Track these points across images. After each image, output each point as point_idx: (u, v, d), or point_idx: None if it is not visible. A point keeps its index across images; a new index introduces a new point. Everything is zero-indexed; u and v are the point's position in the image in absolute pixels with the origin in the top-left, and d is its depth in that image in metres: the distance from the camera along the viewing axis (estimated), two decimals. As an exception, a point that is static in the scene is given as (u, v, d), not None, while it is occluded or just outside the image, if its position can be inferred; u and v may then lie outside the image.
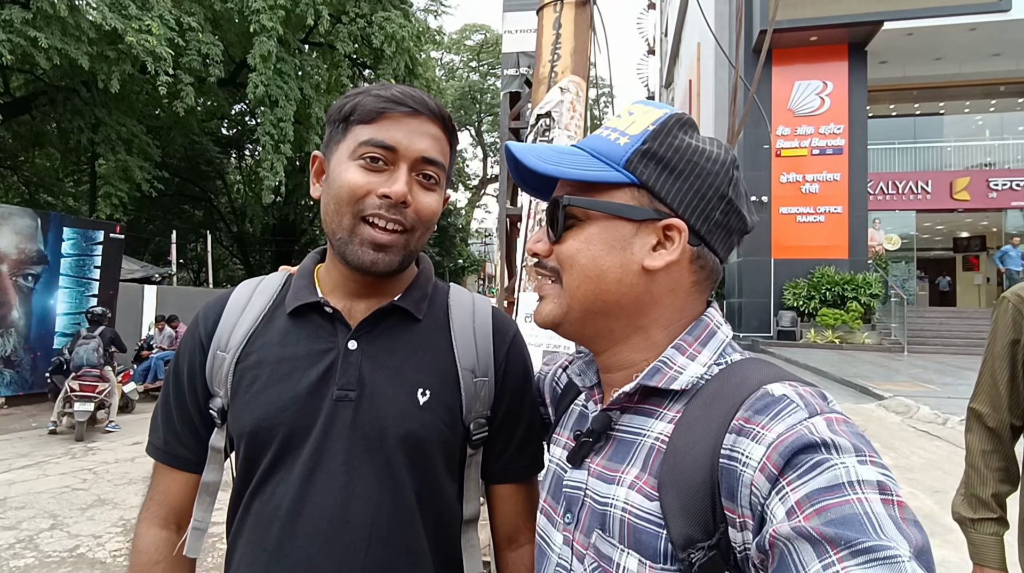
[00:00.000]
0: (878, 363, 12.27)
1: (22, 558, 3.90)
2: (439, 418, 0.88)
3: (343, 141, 0.86)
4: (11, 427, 7.69)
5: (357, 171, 0.83)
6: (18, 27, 9.78)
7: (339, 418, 0.84)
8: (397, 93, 0.85)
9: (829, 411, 0.56)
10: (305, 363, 0.86)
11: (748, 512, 0.55)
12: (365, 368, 0.86)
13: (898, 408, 7.93)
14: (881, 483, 0.50)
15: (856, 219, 16.02)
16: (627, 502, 0.64)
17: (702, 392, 0.66)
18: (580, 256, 0.71)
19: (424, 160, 0.85)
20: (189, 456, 0.92)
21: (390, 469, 0.84)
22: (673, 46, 30.22)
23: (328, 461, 0.83)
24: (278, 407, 0.84)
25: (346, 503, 0.82)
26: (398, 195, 0.82)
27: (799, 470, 0.51)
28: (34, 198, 17.62)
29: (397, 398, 0.86)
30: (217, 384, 0.89)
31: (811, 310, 15.22)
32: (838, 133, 16.13)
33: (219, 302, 0.95)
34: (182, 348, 0.94)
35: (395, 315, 0.91)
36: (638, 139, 0.69)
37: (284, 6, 12.99)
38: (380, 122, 0.84)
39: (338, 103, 0.88)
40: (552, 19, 1.74)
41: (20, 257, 9.02)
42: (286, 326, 0.89)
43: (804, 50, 15.96)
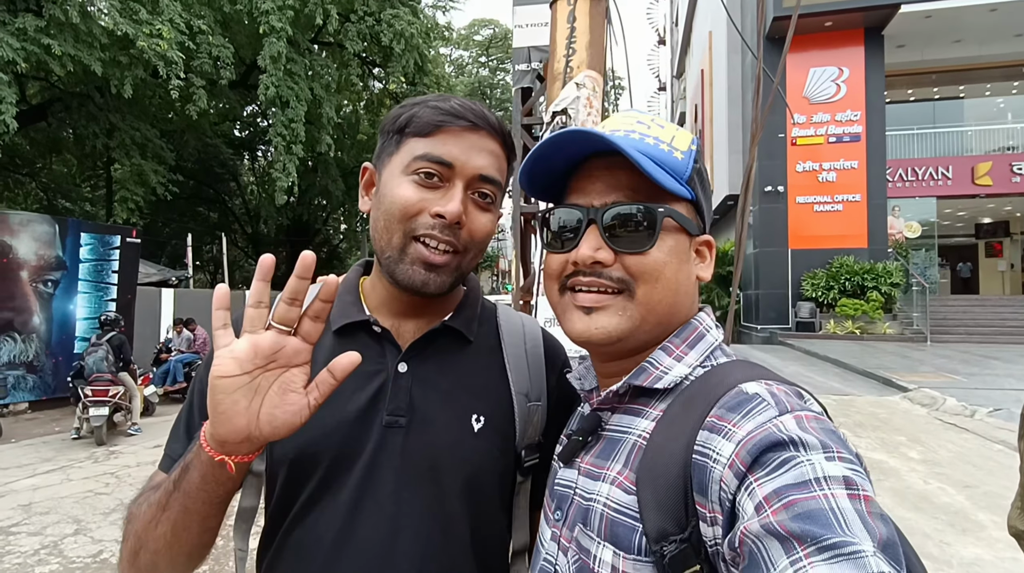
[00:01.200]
0: (901, 354, 12.06)
1: (47, 564, 3.93)
2: (494, 446, 0.84)
3: (396, 154, 0.82)
4: (35, 432, 7.80)
5: (410, 187, 0.79)
6: (32, 35, 9.87)
7: (388, 445, 0.79)
8: (456, 106, 0.80)
9: (800, 409, 0.57)
10: (352, 385, 0.80)
11: (717, 507, 0.56)
12: (416, 392, 0.82)
13: (924, 400, 7.77)
14: (847, 478, 0.50)
15: (875, 207, 15.73)
16: (608, 497, 0.66)
17: (685, 392, 0.68)
18: (666, 269, 0.70)
19: (481, 178, 0.81)
20: None
21: (442, 501, 0.80)
22: (684, 36, 29.89)
23: (376, 491, 0.78)
24: (323, 432, 0.79)
25: (394, 536, 0.77)
26: (453, 215, 0.78)
27: (768, 468, 0.53)
28: (52, 204, 17.86)
29: (450, 425, 0.82)
30: None
31: (830, 301, 14.99)
32: (855, 120, 15.83)
33: None
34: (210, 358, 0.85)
35: (446, 336, 0.87)
36: (690, 156, 0.73)
37: (293, 6, 12.99)
38: (437, 136, 0.79)
39: (393, 113, 0.84)
40: (566, 12, 1.67)
41: (39, 263, 9.13)
42: (331, 344, 0.84)
43: (819, 36, 15.66)
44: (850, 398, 8.15)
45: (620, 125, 0.75)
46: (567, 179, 0.78)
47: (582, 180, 0.74)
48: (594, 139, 0.70)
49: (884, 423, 6.81)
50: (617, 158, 0.70)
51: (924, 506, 4.38)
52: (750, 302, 17.00)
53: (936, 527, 4.00)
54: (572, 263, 0.72)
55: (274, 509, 0.83)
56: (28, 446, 7.06)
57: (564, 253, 0.73)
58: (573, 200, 0.74)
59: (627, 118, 0.76)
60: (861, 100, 15.82)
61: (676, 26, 34.57)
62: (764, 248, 16.07)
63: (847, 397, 8.20)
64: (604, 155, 0.72)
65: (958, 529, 3.97)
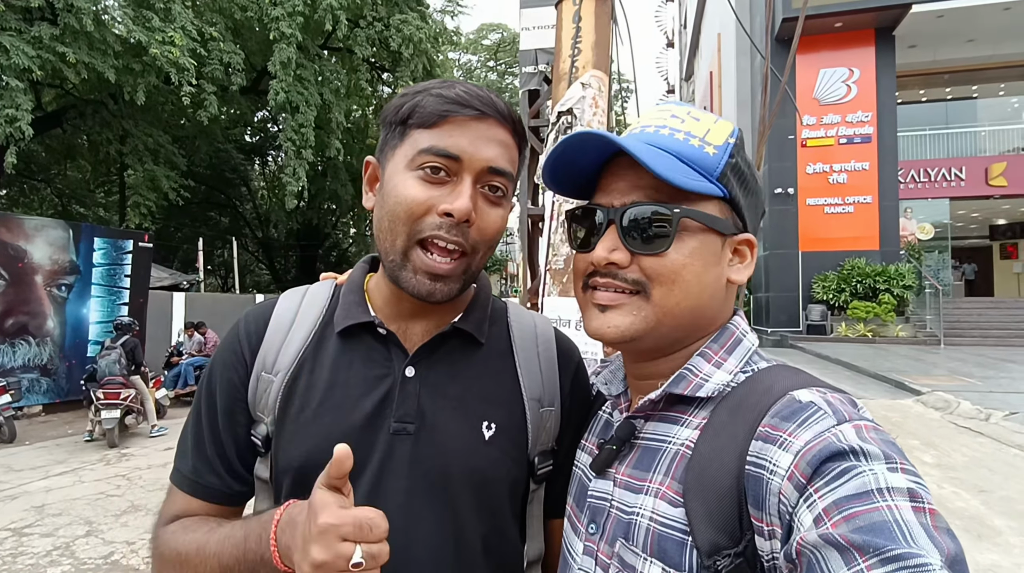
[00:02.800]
0: (913, 357, 11.92)
1: (59, 565, 3.97)
2: (506, 454, 0.80)
3: (400, 147, 0.76)
4: (48, 434, 7.88)
5: (416, 184, 0.74)
6: (47, 43, 10.02)
7: (397, 454, 0.76)
8: (462, 92, 0.74)
9: (858, 418, 0.55)
10: (358, 391, 0.77)
11: (776, 520, 0.54)
12: (424, 398, 0.78)
13: (937, 403, 7.67)
14: (912, 490, 0.49)
15: (887, 209, 15.59)
16: (654, 511, 0.63)
17: (728, 399, 0.65)
18: (685, 271, 0.67)
19: (491, 171, 0.75)
20: (219, 485, 0.82)
21: (453, 511, 0.77)
22: (693, 38, 29.83)
23: (384, 501, 0.72)
24: (329, 440, 0.71)
25: (405, 549, 0.73)
26: (462, 213, 0.72)
27: (827, 477, 0.51)
28: (67, 210, 18.10)
29: (461, 432, 0.78)
30: (262, 409, 0.80)
31: (841, 303, 14.87)
32: (866, 121, 15.72)
33: (262, 316, 0.85)
34: (217, 365, 0.83)
35: (455, 339, 0.82)
36: (725, 151, 0.69)
37: (303, 12, 13.10)
38: (443, 127, 0.74)
39: (395, 103, 0.78)
40: (571, 13, 1.67)
41: (54, 268, 9.25)
42: (337, 347, 0.81)
43: (829, 37, 15.58)
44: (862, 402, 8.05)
45: (653, 120, 0.73)
46: (599, 176, 0.75)
47: (608, 178, 0.73)
48: (603, 141, 0.68)
49: (897, 427, 6.73)
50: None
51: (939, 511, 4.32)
52: (760, 305, 16.89)
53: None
54: (591, 263, 0.71)
55: None
56: (41, 448, 7.13)
57: (586, 253, 0.72)
58: (598, 199, 0.73)
59: (662, 112, 0.74)
60: (872, 101, 15.71)
61: (684, 28, 34.51)
62: (774, 251, 15.97)
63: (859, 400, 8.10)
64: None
65: (973, 534, 3.91)
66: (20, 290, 8.80)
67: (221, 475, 0.82)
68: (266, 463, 0.81)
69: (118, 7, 10.98)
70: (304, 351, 0.81)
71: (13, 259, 8.72)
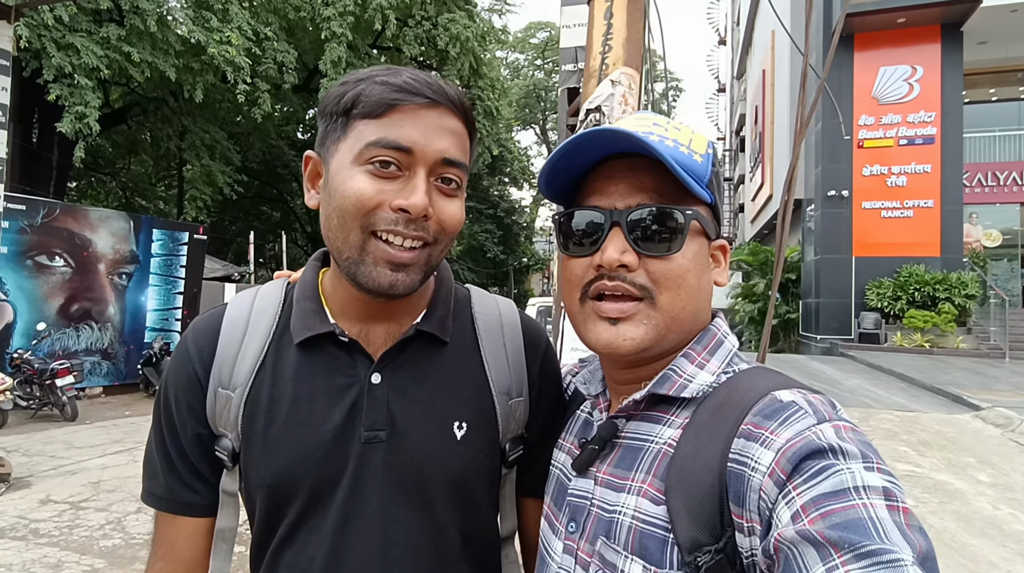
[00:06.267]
0: (974, 370, 11.30)
1: (111, 538, 4.19)
2: (479, 451, 0.80)
3: (344, 139, 0.71)
4: (107, 415, 8.32)
5: (365, 178, 0.69)
6: (114, 43, 10.55)
7: (370, 462, 0.75)
8: (410, 79, 0.70)
9: (837, 418, 0.57)
10: (325, 403, 0.75)
11: (756, 517, 0.55)
12: (394, 404, 0.76)
13: (997, 420, 7.26)
14: (887, 489, 0.50)
15: (949, 214, 14.79)
16: (636, 509, 0.64)
17: (710, 399, 0.66)
18: (690, 275, 0.68)
19: (445, 162, 0.71)
20: (199, 500, 0.80)
21: (430, 511, 0.77)
22: (746, 35, 29.04)
23: (362, 509, 0.74)
24: (300, 456, 0.74)
25: (385, 552, 0.74)
26: (418, 209, 0.68)
27: (805, 475, 0.52)
28: (130, 202, 19.04)
29: (433, 435, 0.77)
30: (223, 425, 0.77)
31: (897, 311, 14.20)
32: (929, 121, 14.94)
33: (211, 327, 0.80)
34: (170, 385, 0.79)
35: (419, 340, 0.80)
36: (708, 159, 0.71)
37: (353, 12, 13.38)
38: (391, 117, 0.69)
39: (335, 92, 0.72)
40: (603, 9, 1.65)
41: (115, 257, 9.75)
42: (296, 358, 0.77)
43: (890, 33, 14.88)
44: (915, 415, 7.70)
45: (637, 126, 0.71)
46: (582, 181, 0.74)
47: (602, 181, 0.71)
48: (628, 139, 0.66)
49: (951, 442, 6.40)
50: (639, 159, 0.68)
51: (992, 533, 4.09)
52: (810, 311, 16.30)
53: (1004, 556, 3.73)
54: (596, 267, 0.68)
55: (260, 529, 0.79)
56: (100, 428, 7.53)
57: (586, 257, 0.70)
58: (593, 202, 0.71)
59: (643, 120, 0.73)
60: (936, 100, 14.92)
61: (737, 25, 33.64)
62: (826, 255, 15.38)
63: (912, 413, 7.75)
64: (625, 156, 0.69)
65: (1030, 559, 3.69)
66: (84, 278, 9.32)
67: (197, 489, 0.80)
68: (234, 476, 0.79)
69: (180, 8, 11.47)
70: (262, 363, 0.77)
71: (79, 248, 9.24)
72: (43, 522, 4.45)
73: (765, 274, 17.94)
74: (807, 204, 16.61)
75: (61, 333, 9.05)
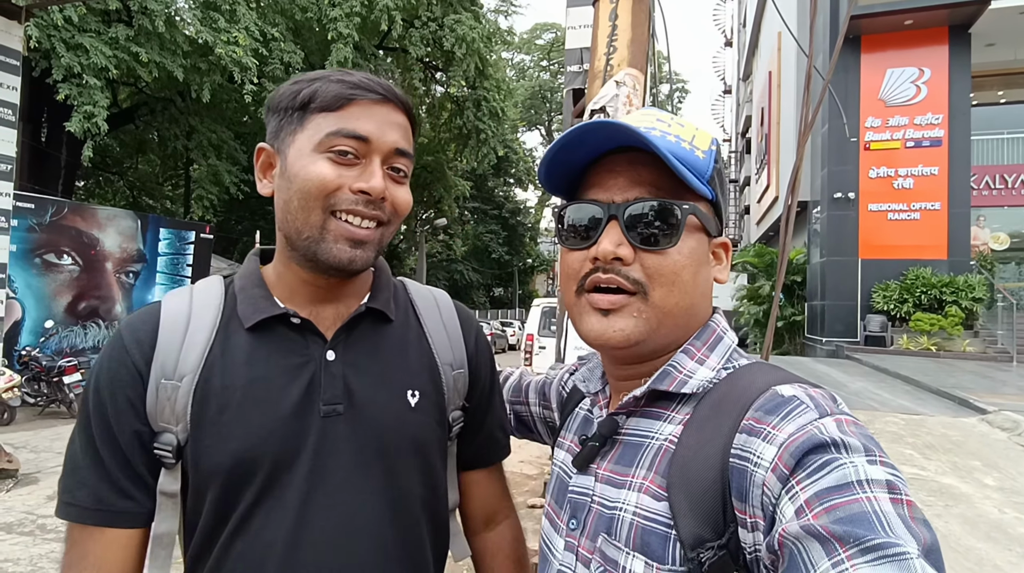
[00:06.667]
0: (981, 373, 11.24)
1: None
2: (431, 417, 0.86)
3: (301, 131, 0.76)
4: (113, 412, 8.36)
5: (326, 164, 0.74)
6: (123, 43, 10.62)
7: (331, 434, 0.78)
8: (363, 79, 0.77)
9: (838, 412, 0.57)
10: (282, 381, 0.77)
11: (759, 512, 0.55)
12: (350, 378, 0.80)
13: (1004, 424, 7.21)
14: (890, 482, 0.50)
15: (957, 216, 14.71)
16: (638, 505, 0.64)
17: (710, 394, 0.66)
18: (685, 271, 0.68)
19: (397, 152, 0.79)
20: (135, 508, 0.76)
21: (393, 477, 0.81)
22: (752, 37, 28.98)
23: (326, 481, 0.76)
24: (261, 434, 0.75)
25: (351, 521, 0.77)
26: (377, 191, 0.75)
27: (809, 469, 0.52)
28: (137, 201, 19.15)
29: (390, 404, 0.82)
30: (166, 419, 0.76)
31: (903, 314, 14.14)
32: (936, 123, 14.87)
33: (148, 322, 0.79)
34: (103, 381, 0.76)
35: (368, 318, 0.85)
36: (711, 156, 0.71)
37: (360, 13, 13.42)
38: (348, 110, 0.76)
39: (288, 89, 0.78)
40: (608, 10, 1.66)
41: (123, 255, 9.82)
42: (248, 342, 0.79)
43: (898, 35, 14.83)
44: (921, 418, 7.66)
45: (640, 122, 0.72)
46: (583, 175, 0.75)
47: (601, 175, 0.71)
48: (626, 132, 0.67)
49: (957, 446, 6.36)
50: (639, 154, 0.69)
51: (997, 536, 4.06)
52: (815, 313, 16.24)
53: (1010, 559, 3.71)
54: (592, 260, 0.69)
55: (206, 525, 0.76)
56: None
57: (583, 250, 0.71)
58: (592, 195, 0.72)
59: (647, 115, 0.74)
60: (944, 102, 14.85)
61: (744, 27, 33.57)
62: (832, 257, 15.33)
63: (917, 417, 7.71)
64: (625, 150, 0.70)
65: (1036, 564, 3.66)
66: (92, 276, 9.38)
67: (133, 496, 0.76)
68: (175, 475, 0.77)
69: (188, 9, 11.54)
70: (210, 350, 0.78)
71: (87, 246, 9.31)
72: (50, 518, 4.48)
73: (770, 276, 17.89)
74: (813, 206, 16.55)
75: (69, 331, 9.12)
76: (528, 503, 5.47)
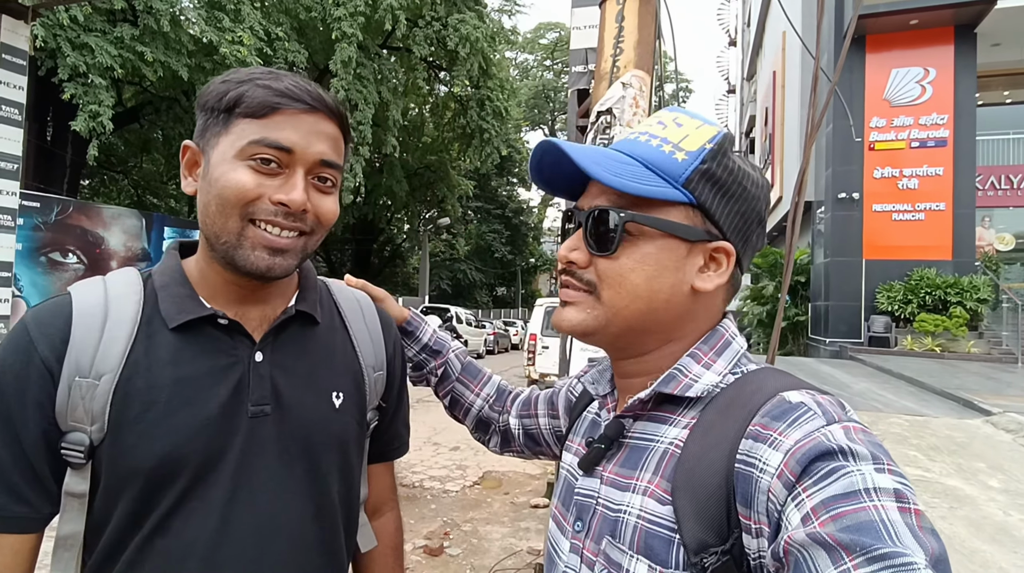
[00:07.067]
0: (986, 375, 11.19)
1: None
2: (352, 418, 0.89)
3: (225, 135, 0.75)
4: (118, 410, 8.39)
5: (246, 172, 0.74)
6: (128, 43, 10.64)
7: (258, 434, 0.79)
8: (291, 86, 0.76)
9: (847, 420, 0.56)
10: (208, 381, 0.77)
11: (764, 519, 0.55)
12: (277, 379, 0.81)
13: (1009, 425, 7.19)
14: (898, 491, 0.49)
15: (962, 217, 14.65)
16: (642, 508, 0.64)
17: (717, 399, 0.66)
18: (633, 275, 0.69)
19: (323, 163, 0.78)
20: (31, 513, 0.73)
21: (315, 475, 0.83)
22: (756, 36, 28.91)
23: (250, 480, 0.77)
24: (187, 434, 0.74)
25: (274, 518, 0.79)
26: (297, 204, 0.75)
27: (815, 477, 0.52)
28: (141, 200, 19.20)
29: (316, 405, 0.84)
30: (79, 418, 0.73)
31: (908, 315, 14.08)
32: (941, 124, 14.81)
33: (58, 315, 0.75)
34: (5, 378, 0.72)
35: (296, 320, 0.86)
36: (697, 157, 0.69)
37: (364, 13, 13.43)
38: (273, 118, 0.74)
39: (215, 89, 0.76)
40: (615, 12, 1.66)
41: (127, 254, 9.84)
42: (172, 341, 0.77)
43: (903, 35, 14.76)
44: (925, 419, 7.64)
45: (641, 127, 0.76)
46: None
47: (589, 183, 0.75)
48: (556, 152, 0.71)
49: (962, 448, 6.35)
50: None
51: (1003, 539, 4.05)
52: (819, 314, 16.21)
53: (1015, 562, 3.70)
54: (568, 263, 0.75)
55: (119, 525, 0.74)
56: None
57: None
58: (579, 202, 0.76)
59: (652, 118, 0.76)
60: (949, 103, 14.79)
61: (748, 26, 33.49)
62: (836, 258, 15.29)
63: (921, 418, 7.69)
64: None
65: (1042, 567, 3.65)
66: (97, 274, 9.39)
67: (31, 501, 0.73)
68: (83, 475, 0.74)
69: (193, 8, 11.56)
70: (132, 349, 0.75)
71: (92, 245, 9.34)
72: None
73: (774, 276, 17.84)
74: (817, 206, 16.51)
75: (73, 329, 9.14)
76: (532, 503, 5.49)
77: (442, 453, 7.15)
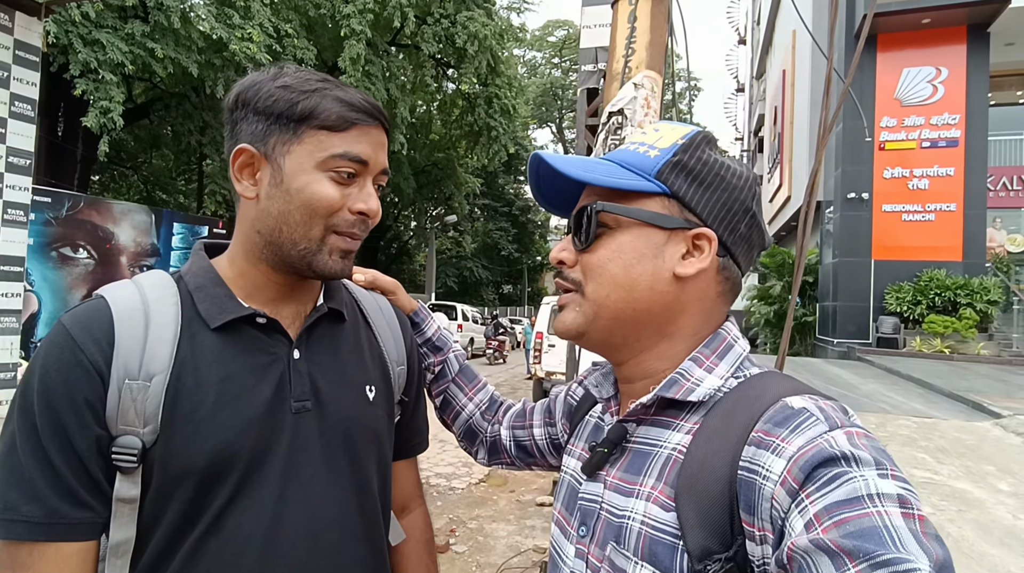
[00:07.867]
0: (996, 377, 11.10)
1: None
2: (384, 410, 0.93)
3: (299, 144, 0.78)
4: (127, 405, 8.46)
5: (331, 185, 0.79)
6: (139, 39, 10.71)
7: (302, 430, 0.82)
8: (361, 101, 0.80)
9: (850, 425, 0.56)
10: (252, 379, 0.79)
11: (768, 526, 0.54)
12: (315, 375, 0.85)
13: (1019, 428, 7.14)
14: (902, 496, 0.49)
15: (973, 218, 14.52)
16: (646, 514, 0.64)
17: (720, 404, 0.66)
18: (611, 264, 0.71)
19: (383, 172, 0.85)
20: (94, 518, 0.72)
21: (357, 468, 0.86)
22: (766, 35, 28.74)
23: (298, 475, 0.80)
24: (237, 430, 0.75)
25: (324, 512, 0.81)
26: (375, 213, 0.83)
27: (818, 483, 0.51)
28: (151, 196, 19.32)
29: (353, 399, 0.88)
30: (131, 421, 0.72)
31: (917, 316, 13.99)
32: (953, 124, 14.67)
33: (100, 319, 0.74)
34: (52, 382, 0.70)
35: (326, 317, 0.90)
36: (668, 151, 0.71)
37: (373, 10, 13.44)
38: (351, 132, 0.79)
39: (282, 96, 0.77)
40: (627, 12, 1.66)
41: (137, 250, 9.91)
42: (215, 341, 0.78)
43: (915, 34, 14.64)
44: (933, 421, 7.59)
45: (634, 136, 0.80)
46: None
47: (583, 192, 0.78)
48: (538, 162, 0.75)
49: (971, 450, 6.30)
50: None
51: (1012, 543, 4.03)
52: (827, 314, 16.12)
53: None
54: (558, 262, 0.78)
55: (171, 527, 0.74)
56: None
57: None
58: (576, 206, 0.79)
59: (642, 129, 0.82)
60: (961, 102, 14.65)
61: (757, 25, 33.29)
62: (844, 258, 15.19)
63: (930, 420, 7.65)
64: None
65: (1050, 571, 3.63)
66: (107, 270, 9.48)
67: (92, 506, 0.72)
68: (134, 479, 0.73)
69: (203, 5, 11.61)
70: (178, 350, 0.76)
71: (102, 240, 9.40)
72: None
73: (782, 276, 17.76)
74: (826, 206, 16.41)
75: (83, 324, 9.21)
76: (537, 501, 5.50)
77: (448, 450, 7.17)
